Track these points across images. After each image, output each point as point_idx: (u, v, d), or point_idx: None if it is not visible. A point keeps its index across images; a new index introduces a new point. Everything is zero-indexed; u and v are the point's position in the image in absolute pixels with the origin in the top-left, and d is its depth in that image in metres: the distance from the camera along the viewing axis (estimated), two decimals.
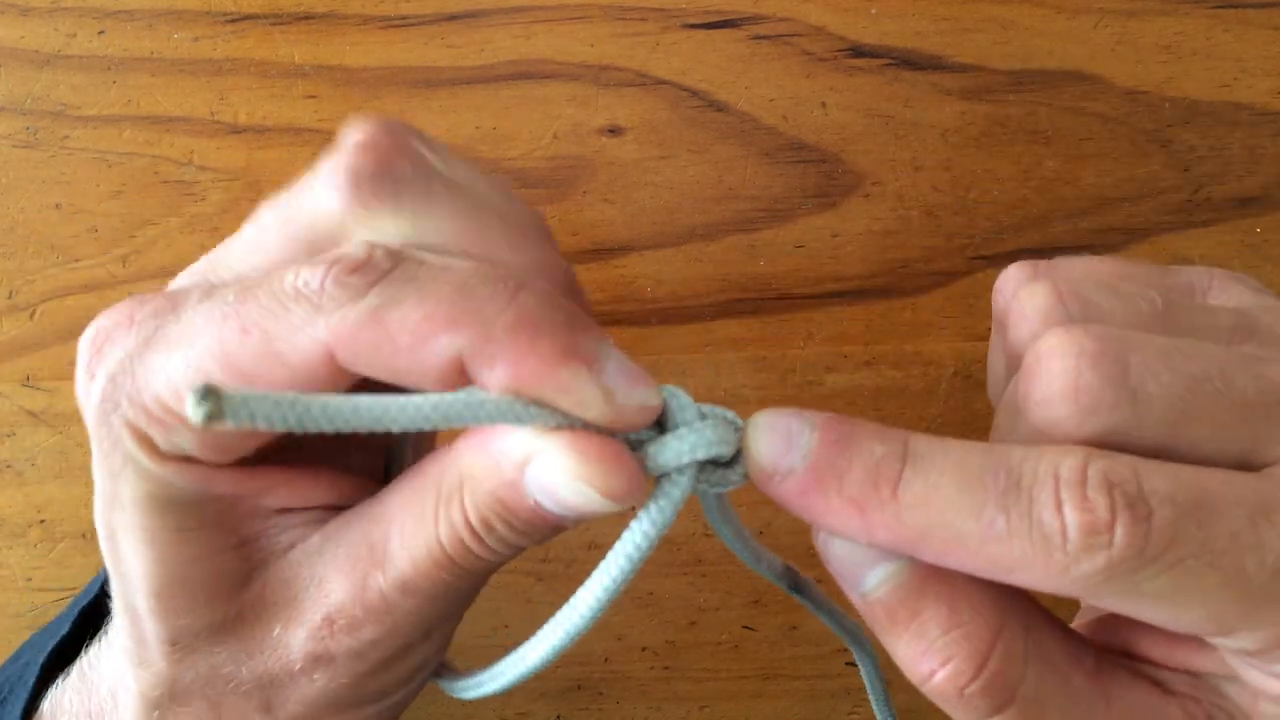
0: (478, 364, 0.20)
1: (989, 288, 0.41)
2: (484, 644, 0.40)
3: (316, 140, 0.40)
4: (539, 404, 0.20)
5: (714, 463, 0.22)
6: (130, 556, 0.23)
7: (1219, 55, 0.40)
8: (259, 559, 0.23)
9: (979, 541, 0.19)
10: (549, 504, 0.21)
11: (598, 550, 0.40)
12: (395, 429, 0.19)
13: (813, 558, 0.42)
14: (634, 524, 0.22)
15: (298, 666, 0.23)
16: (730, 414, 0.22)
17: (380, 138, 0.23)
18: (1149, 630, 0.22)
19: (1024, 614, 0.21)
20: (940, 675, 0.20)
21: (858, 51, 0.40)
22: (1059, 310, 0.21)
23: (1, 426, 0.40)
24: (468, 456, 0.21)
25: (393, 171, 0.23)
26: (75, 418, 0.40)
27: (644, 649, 0.41)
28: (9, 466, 0.40)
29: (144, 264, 0.40)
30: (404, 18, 0.40)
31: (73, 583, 0.40)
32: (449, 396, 0.20)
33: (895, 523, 0.19)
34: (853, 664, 0.41)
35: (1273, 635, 0.19)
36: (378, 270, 0.20)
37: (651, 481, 0.22)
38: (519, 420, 0.20)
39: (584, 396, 0.20)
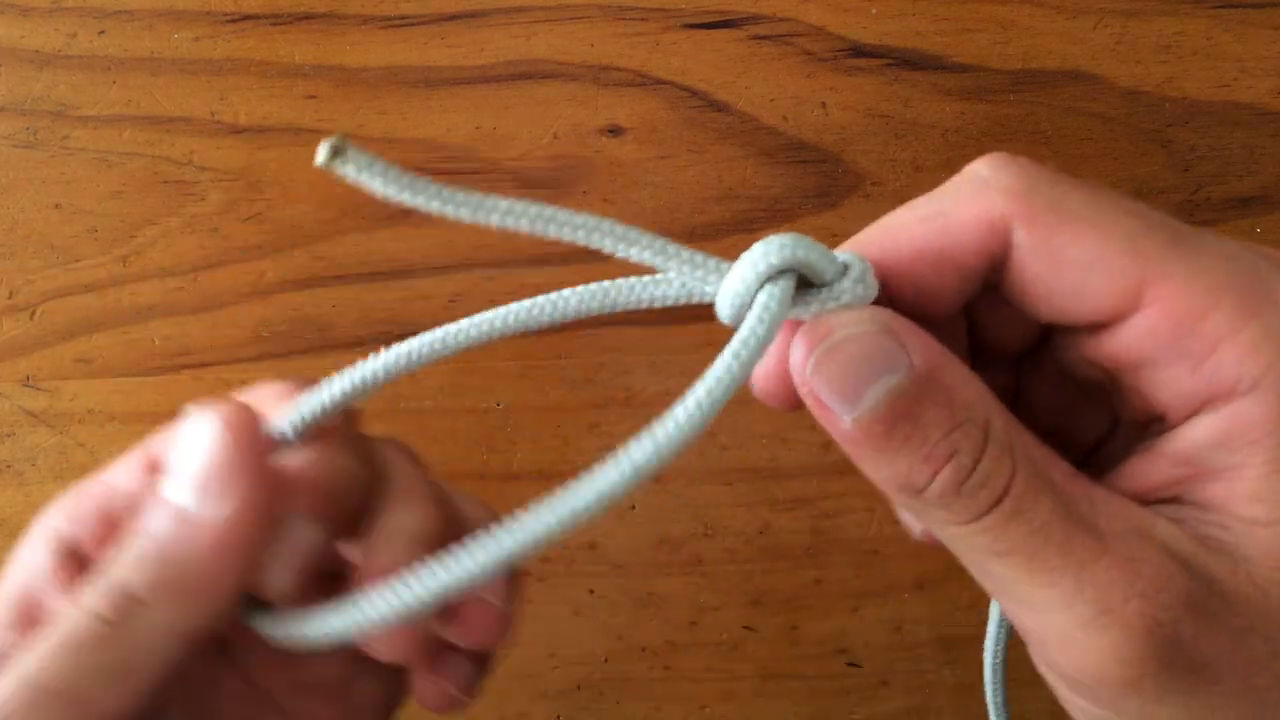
0: None
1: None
2: None
3: (316, 140, 0.40)
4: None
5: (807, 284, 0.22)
6: None
7: (1219, 55, 0.40)
8: None
9: (912, 210, 0.23)
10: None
11: (597, 550, 0.40)
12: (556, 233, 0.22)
13: (811, 556, 0.42)
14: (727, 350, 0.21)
15: None
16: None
17: None
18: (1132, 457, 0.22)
19: (1005, 413, 0.21)
20: (942, 476, 0.20)
21: (858, 51, 0.40)
22: None
23: (1, 426, 0.40)
24: None
25: None
26: (75, 418, 0.40)
27: (644, 649, 0.41)
28: (9, 466, 0.40)
29: (144, 264, 0.40)
30: (404, 18, 0.40)
31: None
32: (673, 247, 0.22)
33: (854, 243, 0.23)
34: (853, 664, 0.41)
35: (1185, 287, 0.20)
36: None
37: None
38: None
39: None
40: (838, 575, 0.41)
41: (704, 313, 0.40)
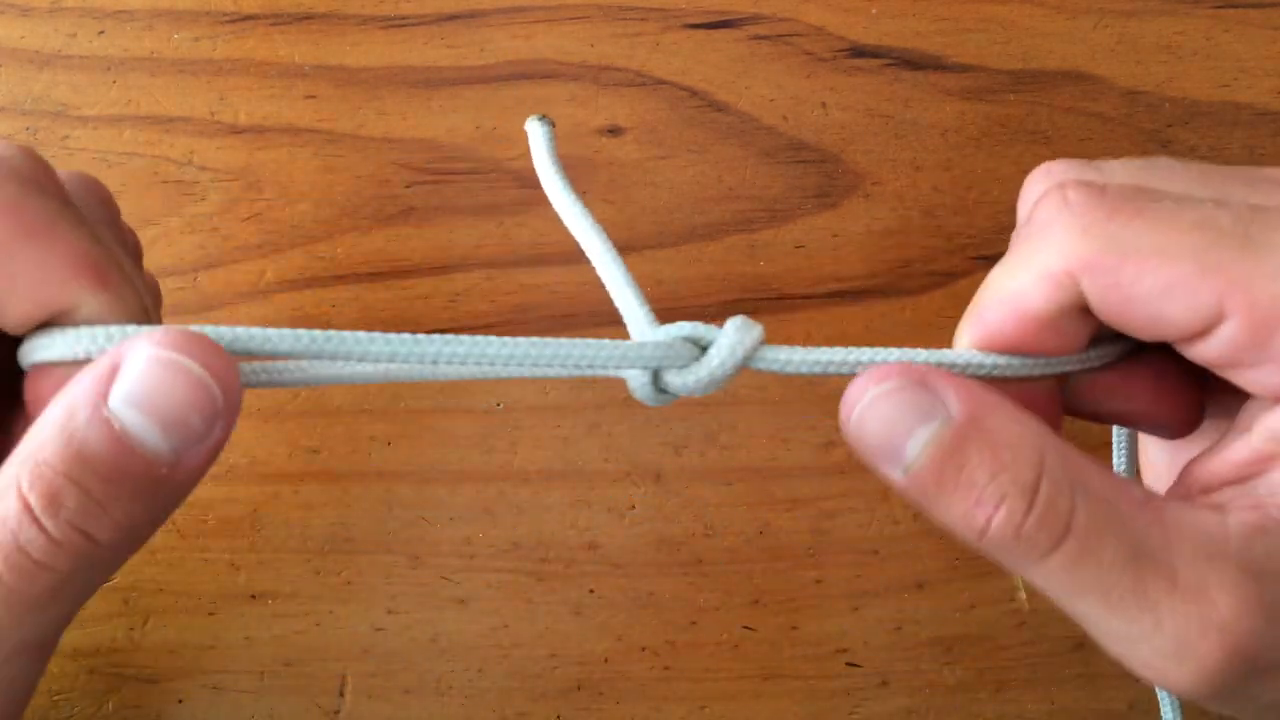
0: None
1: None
2: (484, 644, 0.40)
3: (316, 140, 0.40)
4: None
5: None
6: None
7: (1219, 55, 0.40)
8: None
9: (996, 277, 0.23)
10: (138, 421, 0.19)
11: (597, 550, 0.40)
12: None
13: (811, 555, 0.42)
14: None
15: None
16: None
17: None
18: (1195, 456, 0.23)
19: (1062, 449, 0.21)
20: (997, 519, 0.21)
21: (858, 51, 0.40)
22: None
23: None
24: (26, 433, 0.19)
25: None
26: None
27: (644, 649, 0.41)
28: None
29: (144, 264, 0.40)
30: (404, 18, 0.40)
31: None
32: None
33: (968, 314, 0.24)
34: (853, 664, 0.41)
35: (1268, 293, 0.20)
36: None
37: None
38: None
39: None
40: (838, 575, 0.41)
41: (704, 312, 0.40)
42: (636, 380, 0.25)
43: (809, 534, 0.40)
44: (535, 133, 0.31)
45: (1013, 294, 0.23)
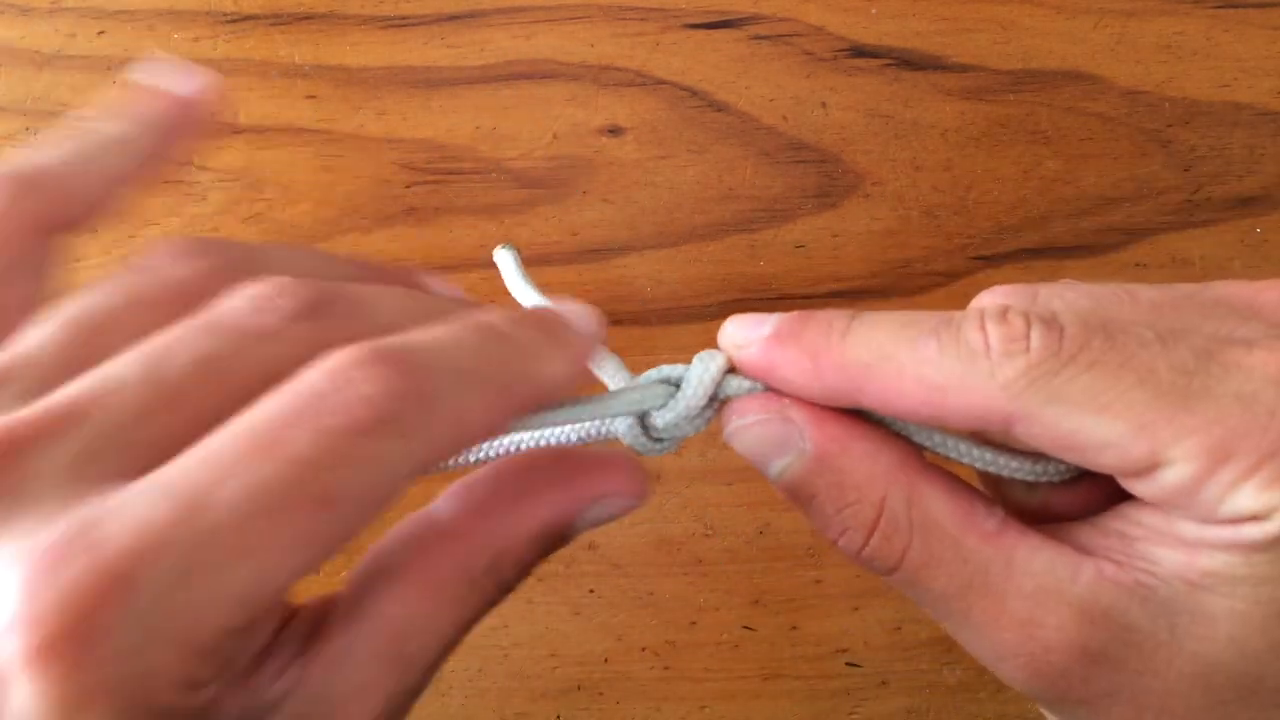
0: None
1: (989, 288, 0.41)
2: (484, 644, 0.40)
3: (316, 140, 0.40)
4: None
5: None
6: None
7: (1219, 55, 0.40)
8: None
9: (915, 365, 0.22)
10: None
11: (597, 550, 0.40)
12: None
13: (811, 555, 0.42)
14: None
15: None
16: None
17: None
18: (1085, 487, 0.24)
19: (909, 487, 0.23)
20: (841, 542, 0.23)
21: (858, 51, 0.40)
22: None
23: None
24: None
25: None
26: None
27: (644, 649, 0.41)
28: None
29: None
30: (404, 18, 0.40)
31: None
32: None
33: (841, 361, 0.22)
34: (853, 664, 0.41)
35: (1199, 446, 0.20)
36: None
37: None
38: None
39: None
40: (838, 575, 0.41)
41: (704, 312, 0.40)
42: (629, 434, 0.26)
43: (809, 534, 0.40)
44: (504, 260, 0.32)
45: (933, 393, 0.22)
